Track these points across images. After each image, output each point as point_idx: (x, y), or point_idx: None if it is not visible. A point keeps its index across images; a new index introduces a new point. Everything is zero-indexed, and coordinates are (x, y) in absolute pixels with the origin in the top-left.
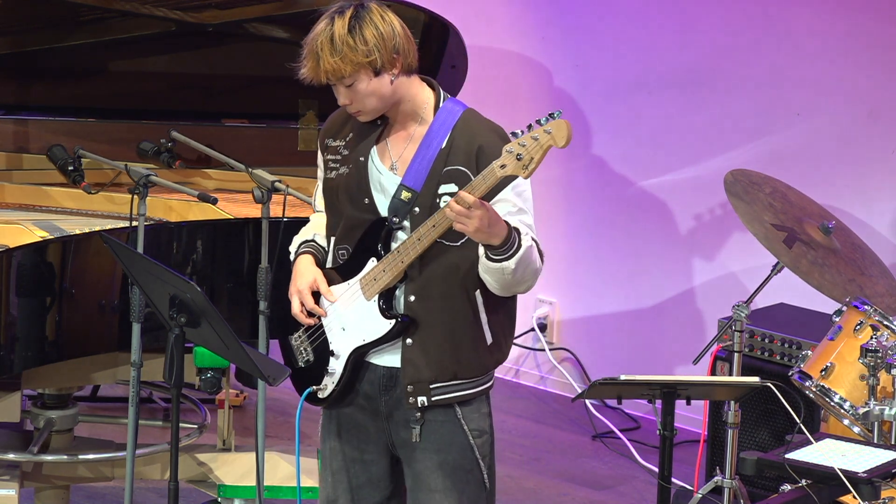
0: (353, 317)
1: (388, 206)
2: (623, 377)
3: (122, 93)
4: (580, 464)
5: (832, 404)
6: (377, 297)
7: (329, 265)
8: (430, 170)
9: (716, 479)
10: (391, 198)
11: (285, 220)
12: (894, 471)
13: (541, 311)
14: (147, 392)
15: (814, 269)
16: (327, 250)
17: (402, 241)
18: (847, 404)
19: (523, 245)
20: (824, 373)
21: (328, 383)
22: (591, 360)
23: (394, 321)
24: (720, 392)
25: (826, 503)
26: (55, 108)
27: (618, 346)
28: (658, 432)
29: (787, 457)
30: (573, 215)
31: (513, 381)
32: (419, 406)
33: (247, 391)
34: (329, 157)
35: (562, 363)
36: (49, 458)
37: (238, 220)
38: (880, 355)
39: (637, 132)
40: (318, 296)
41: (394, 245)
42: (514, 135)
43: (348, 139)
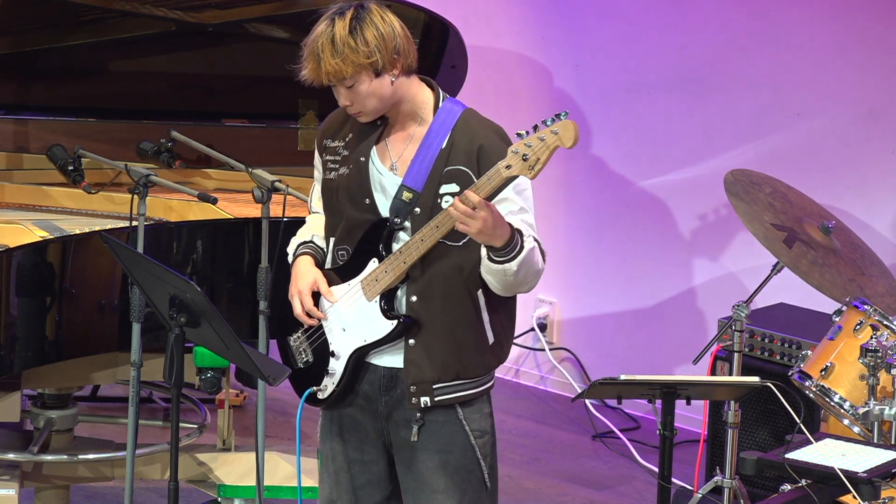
0: (354, 317)
1: (389, 207)
2: (623, 377)
3: (122, 93)
4: (580, 464)
5: (832, 404)
6: (378, 297)
7: (328, 266)
8: (431, 170)
9: (716, 479)
10: (392, 198)
11: (285, 220)
12: (894, 471)
13: (541, 311)
14: (147, 392)
15: (814, 269)
16: (326, 251)
17: (404, 242)
18: (847, 404)
19: (526, 247)
20: (824, 373)
21: (328, 384)
22: (591, 360)
23: (396, 322)
24: (720, 392)
25: (826, 503)
26: (55, 108)
27: (618, 346)
28: (658, 432)
29: (787, 457)
30: (573, 215)
31: (513, 381)
32: (422, 406)
33: (247, 391)
34: (328, 157)
35: (562, 363)
36: (49, 458)
37: (238, 220)
38: (880, 355)
39: (637, 132)
40: (317, 296)
41: (395, 246)
42: (519, 135)
43: (348, 140)
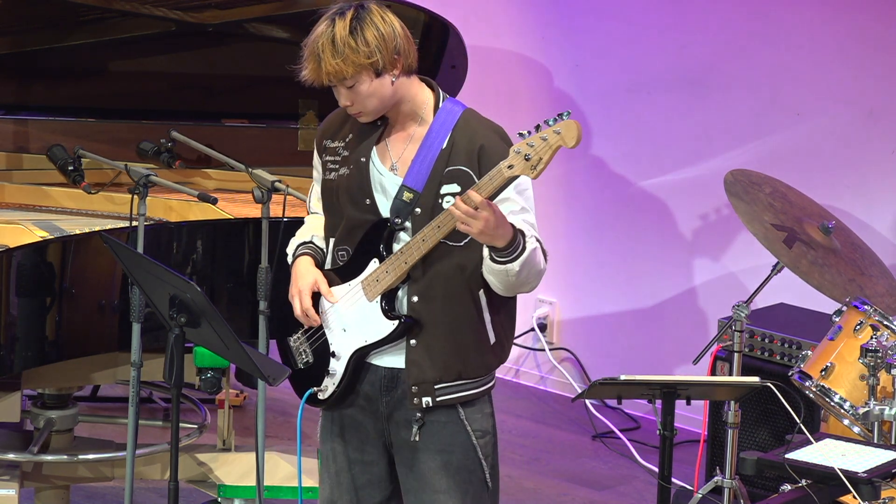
0: (355, 318)
1: (389, 207)
2: (623, 377)
3: (122, 93)
4: (580, 464)
5: (832, 404)
6: (379, 297)
7: (328, 266)
8: (432, 170)
9: (716, 479)
10: (393, 199)
11: (285, 220)
12: (894, 471)
13: (541, 311)
14: (147, 392)
15: (814, 269)
16: (326, 252)
17: (405, 242)
18: (847, 404)
19: (528, 247)
20: (824, 373)
21: (329, 384)
22: (591, 360)
23: (397, 322)
24: (720, 392)
25: (826, 503)
26: (55, 108)
27: (618, 346)
28: (658, 432)
29: (787, 457)
30: (573, 215)
31: (513, 381)
32: (423, 407)
33: (247, 391)
34: (328, 158)
35: (562, 363)
36: (49, 458)
37: (238, 220)
38: (880, 355)
39: (637, 132)
40: (317, 297)
41: (395, 246)
42: (520, 135)
43: (348, 140)
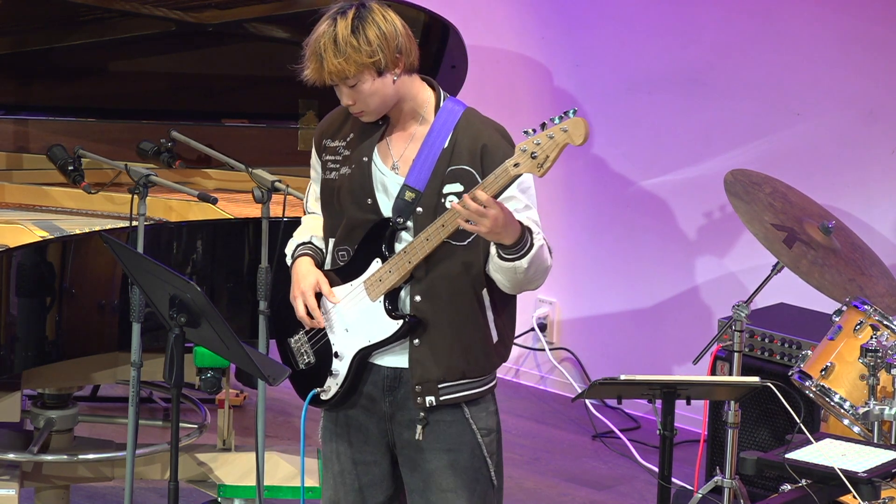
0: (357, 318)
1: (391, 207)
2: (623, 377)
3: (122, 93)
4: (580, 464)
5: (832, 404)
6: (382, 297)
7: (328, 267)
8: (434, 170)
9: (716, 479)
10: (394, 198)
11: (285, 220)
12: (894, 471)
13: (541, 311)
14: (147, 392)
15: (814, 269)
16: (325, 252)
17: (408, 242)
18: (847, 404)
19: (535, 244)
20: (824, 373)
21: (332, 385)
22: (591, 360)
23: (401, 321)
24: (720, 392)
25: (826, 503)
26: (55, 108)
27: (618, 346)
28: (658, 432)
29: (787, 457)
30: (573, 215)
31: (513, 381)
32: (427, 406)
33: (247, 391)
34: (328, 157)
35: (562, 363)
36: (49, 458)
37: (238, 220)
38: (880, 355)
39: (637, 132)
40: (318, 297)
41: (397, 246)
42: (526, 133)
43: (349, 139)
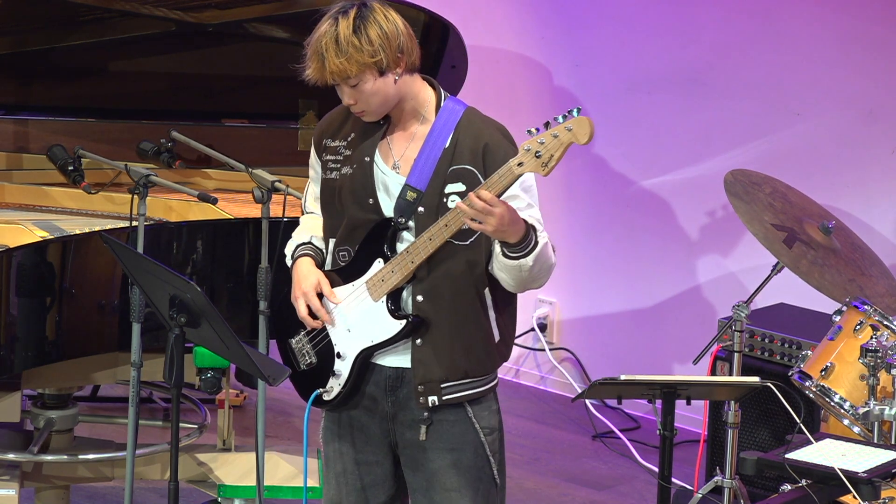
0: (359, 318)
1: (393, 207)
2: (623, 377)
3: (122, 93)
4: (580, 464)
5: (832, 404)
6: (385, 297)
7: (329, 267)
8: (435, 169)
9: (716, 479)
10: (396, 198)
11: (285, 220)
12: (894, 471)
13: (541, 311)
14: (147, 392)
15: (814, 269)
16: (325, 253)
17: (411, 242)
18: (847, 404)
19: (540, 241)
20: (824, 373)
21: (334, 385)
22: (591, 360)
23: (405, 321)
24: (720, 392)
25: (826, 503)
26: (55, 108)
27: (618, 346)
28: (658, 432)
29: (787, 457)
30: (573, 215)
31: (513, 381)
32: (430, 406)
33: (247, 391)
34: (328, 157)
35: (562, 363)
36: (49, 458)
37: (238, 220)
38: (880, 355)
39: (637, 132)
40: (319, 298)
41: (399, 246)
42: (529, 133)
43: (350, 139)
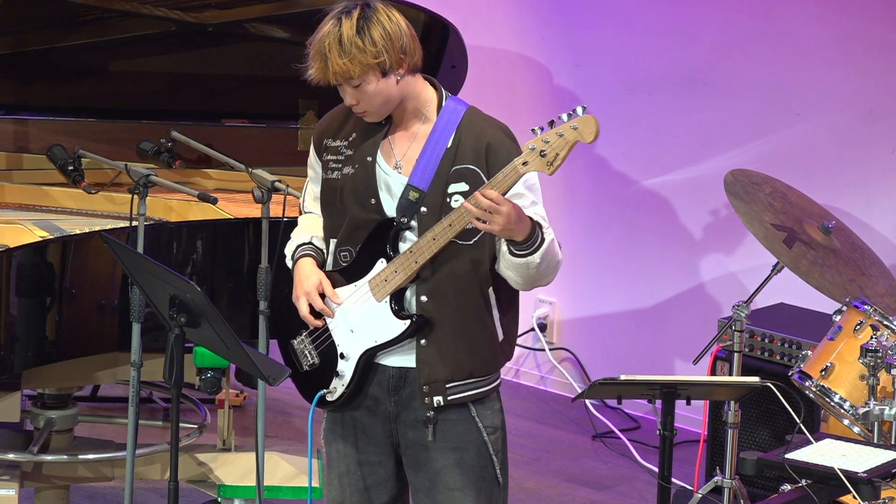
0: (362, 318)
1: (395, 207)
2: (623, 377)
3: (122, 93)
4: (580, 464)
5: (832, 404)
6: (388, 297)
7: (330, 268)
8: (437, 169)
9: (716, 479)
10: (398, 198)
11: (285, 220)
12: (894, 471)
13: (541, 311)
14: (147, 392)
15: (814, 269)
16: (326, 253)
17: (414, 242)
18: (847, 404)
19: (546, 238)
20: (824, 373)
21: (337, 386)
22: (591, 360)
23: (408, 321)
24: (720, 392)
25: (826, 503)
26: (55, 108)
27: (618, 346)
28: (658, 432)
29: (787, 457)
30: (573, 215)
31: (513, 381)
32: (435, 406)
33: (247, 391)
34: (329, 157)
35: (562, 363)
36: (49, 458)
37: (238, 220)
38: (880, 355)
39: (637, 132)
40: (322, 298)
41: (402, 246)
42: (534, 132)
43: (351, 139)
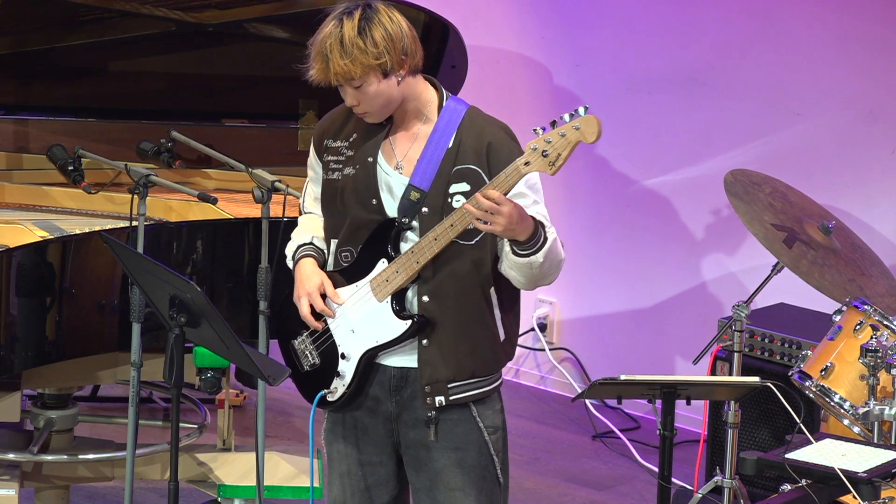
0: (363, 319)
1: (397, 207)
2: (623, 377)
3: (122, 93)
4: (580, 464)
5: (832, 404)
6: (389, 298)
7: (331, 268)
8: (439, 169)
9: (716, 479)
10: (400, 198)
11: (285, 220)
12: (894, 471)
13: (541, 311)
14: (147, 392)
15: (814, 269)
16: (327, 253)
17: (416, 242)
18: (847, 404)
19: (549, 238)
20: (824, 373)
21: (338, 386)
22: (591, 360)
23: (410, 322)
24: (720, 392)
25: (826, 503)
26: (55, 108)
27: (618, 346)
28: (658, 432)
29: (787, 457)
30: (573, 215)
31: (513, 381)
32: (436, 406)
33: (247, 391)
34: (330, 158)
35: (562, 363)
36: (49, 458)
37: (238, 220)
38: (880, 355)
39: (637, 132)
40: (323, 298)
41: (403, 246)
42: (535, 132)
43: (352, 139)
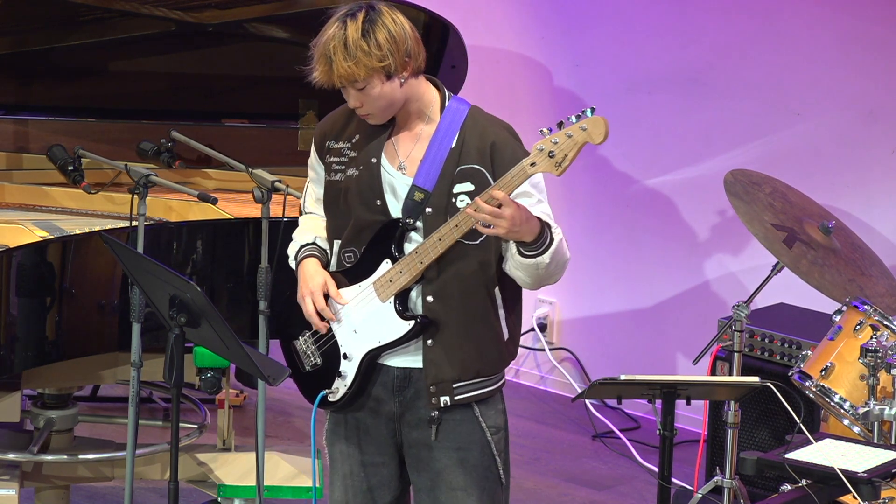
0: (366, 319)
1: (401, 208)
2: (623, 377)
3: (122, 93)
4: (580, 464)
5: (832, 404)
6: (393, 298)
7: (334, 268)
8: (442, 169)
9: (716, 479)
10: (404, 199)
11: (285, 220)
12: (894, 471)
13: (541, 311)
14: (147, 392)
15: (814, 269)
16: (330, 253)
17: (420, 243)
18: (847, 404)
19: (555, 238)
20: (824, 373)
21: (340, 386)
22: (591, 360)
23: (413, 322)
24: (720, 392)
25: (826, 503)
26: (55, 108)
27: (618, 346)
28: (658, 432)
29: (787, 457)
30: (573, 215)
31: (513, 381)
32: (441, 406)
33: (247, 391)
34: (332, 159)
35: (562, 363)
36: (49, 458)
37: (238, 220)
38: (880, 355)
39: (637, 132)
40: (326, 299)
41: (407, 246)
42: (542, 133)
43: (354, 140)
